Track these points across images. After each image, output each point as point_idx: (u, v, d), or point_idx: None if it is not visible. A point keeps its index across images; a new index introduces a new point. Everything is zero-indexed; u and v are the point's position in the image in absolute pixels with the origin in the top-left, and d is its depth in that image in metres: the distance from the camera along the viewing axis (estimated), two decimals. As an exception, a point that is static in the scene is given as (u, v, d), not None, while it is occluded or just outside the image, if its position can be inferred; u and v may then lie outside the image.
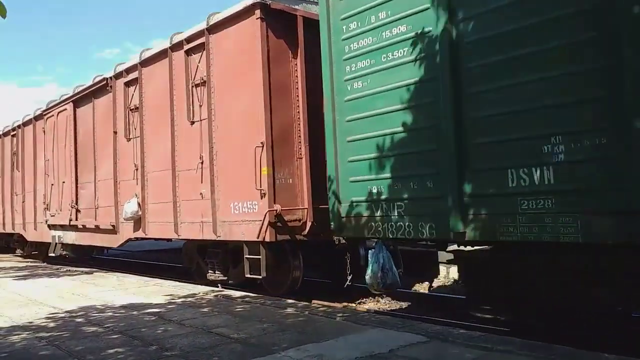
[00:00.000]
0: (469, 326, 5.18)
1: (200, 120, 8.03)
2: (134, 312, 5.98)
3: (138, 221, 9.40)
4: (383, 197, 5.20)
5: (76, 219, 11.68)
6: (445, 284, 8.77)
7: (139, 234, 9.43)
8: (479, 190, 4.47)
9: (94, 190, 11.02)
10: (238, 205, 7.27)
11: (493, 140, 4.38)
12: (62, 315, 6.05)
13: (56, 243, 12.75)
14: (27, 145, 14.69)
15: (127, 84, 9.83)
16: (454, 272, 8.91)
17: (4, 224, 16.51)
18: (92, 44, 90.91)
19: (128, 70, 9.85)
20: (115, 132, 10.17)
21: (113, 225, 10.10)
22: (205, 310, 5.96)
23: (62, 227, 12.40)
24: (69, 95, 12.13)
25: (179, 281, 8.81)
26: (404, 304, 7.66)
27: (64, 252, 12.59)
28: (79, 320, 5.70)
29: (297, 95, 7.21)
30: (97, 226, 10.82)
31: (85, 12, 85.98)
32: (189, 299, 6.80)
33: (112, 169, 10.17)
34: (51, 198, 12.88)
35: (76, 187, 11.75)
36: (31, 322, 5.68)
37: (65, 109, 12.14)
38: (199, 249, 8.74)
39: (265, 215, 6.80)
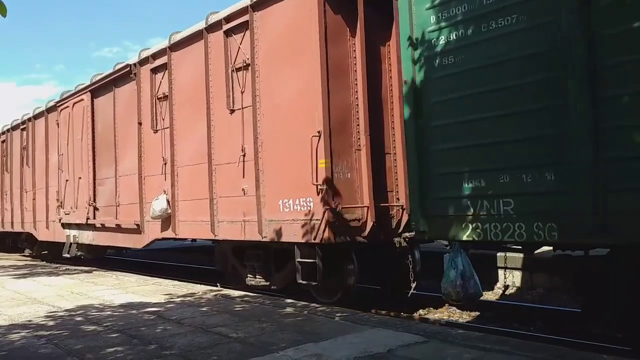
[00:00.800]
0: (468, 326, 5.06)
1: (242, 109, 7.22)
2: (133, 311, 5.95)
3: (167, 220, 8.60)
4: (484, 192, 4.39)
5: (94, 218, 10.88)
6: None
7: (168, 233, 8.63)
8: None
9: (114, 187, 10.22)
10: (289, 203, 6.46)
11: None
12: (62, 313, 6.01)
13: (71, 243, 11.95)
14: (39, 139, 13.90)
15: (154, 71, 9.03)
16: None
17: (12, 223, 15.71)
18: (91, 42, 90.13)
19: (155, 56, 9.04)
20: (140, 124, 9.37)
21: (137, 225, 9.29)
22: (204, 309, 5.93)
23: (78, 226, 11.61)
24: (86, 85, 11.33)
25: (178, 280, 8.76)
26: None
27: (79, 253, 11.78)
28: (78, 318, 5.68)
29: (356, 79, 6.40)
30: (118, 225, 10.02)
31: (84, 10, 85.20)
32: (188, 298, 6.74)
33: (137, 163, 9.37)
34: (65, 195, 12.09)
35: (94, 183, 10.95)
36: (30, 321, 5.64)
37: (82, 100, 11.34)
38: (234, 251, 7.93)
39: (323, 214, 5.99)
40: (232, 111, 7.37)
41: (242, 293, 6.96)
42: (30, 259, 15.54)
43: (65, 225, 12.20)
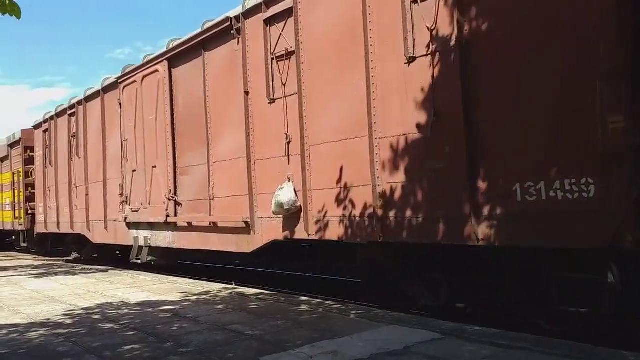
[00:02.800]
0: (485, 323, 4.72)
1: (432, 53, 5.04)
2: (149, 309, 6.00)
3: (293, 216, 6.47)
4: None
5: (175, 215, 8.79)
6: None
7: (296, 233, 6.50)
8: None
9: (206, 176, 8.10)
10: (536, 188, 4.26)
11: None
12: (79, 312, 6.08)
13: (140, 246, 9.88)
14: (92, 124, 11.86)
15: (269, 22, 6.88)
16: None
17: (58, 224, 13.71)
18: (103, 44, 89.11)
19: (270, 2, 6.90)
20: (246, 93, 7.25)
21: (246, 222, 7.16)
22: (219, 307, 5.96)
23: (151, 226, 9.54)
24: (160, 53, 9.23)
25: (193, 278, 8.76)
26: None
27: (151, 258, 9.70)
28: (96, 317, 5.75)
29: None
30: (213, 224, 7.90)
31: (96, 12, 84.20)
32: (203, 296, 6.79)
33: (243, 144, 7.25)
34: (132, 189, 10.02)
35: (174, 172, 8.86)
36: (49, 319, 5.71)
37: (156, 71, 9.26)
38: (399, 258, 5.77)
39: (623, 204, 3.79)
40: (412, 60, 5.20)
41: (257, 291, 6.94)
42: (46, 259, 15.26)
43: (132, 225, 10.14)
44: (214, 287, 7.51)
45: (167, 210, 8.91)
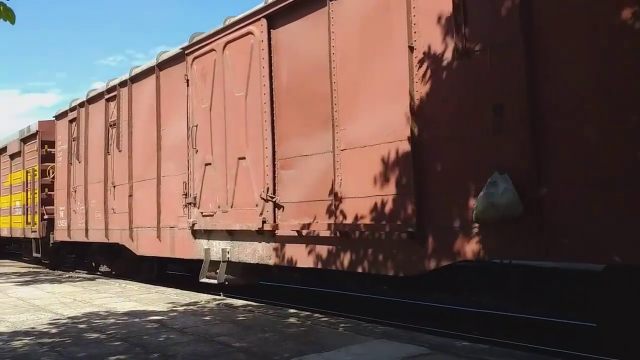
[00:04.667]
0: (473, 338, 4.82)
1: None
2: (136, 319, 5.96)
3: (505, 225, 4.29)
4: None
5: (274, 221, 6.59)
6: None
7: (521, 250, 4.33)
8: None
9: (328, 168, 5.90)
10: None
11: None
12: (65, 321, 6.02)
13: (214, 261, 7.63)
14: (141, 109, 9.68)
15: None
16: None
17: (86, 231, 11.41)
18: (95, 50, 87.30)
19: None
20: (411, 48, 5.11)
21: (411, 232, 4.96)
22: (207, 318, 5.92)
23: (232, 235, 7.32)
24: (256, 9, 7.05)
25: (181, 289, 8.56)
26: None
27: (228, 277, 7.46)
28: (82, 326, 5.68)
29: None
30: (342, 233, 5.70)
31: (88, 19, 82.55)
32: (191, 307, 6.74)
33: (400, 121, 5.10)
34: (204, 187, 7.81)
35: (273, 165, 6.69)
36: (33, 328, 5.65)
37: (248, 34, 7.09)
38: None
39: None
40: None
41: (245, 302, 6.90)
42: (32, 266, 14.94)
43: (202, 234, 7.91)
44: (202, 297, 7.47)
45: (261, 214, 6.71)
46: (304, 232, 6.21)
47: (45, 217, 13.94)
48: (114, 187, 10.39)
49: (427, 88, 5.02)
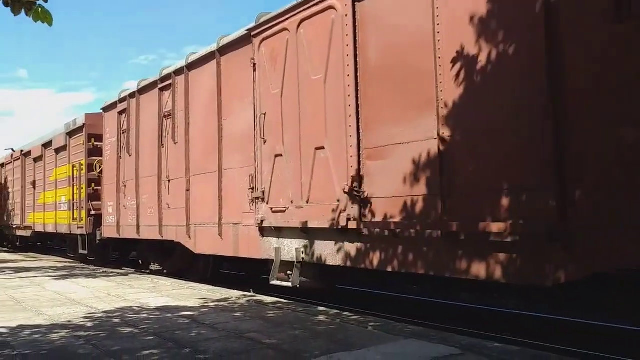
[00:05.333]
0: (505, 339, 4.75)
1: None
2: (169, 315, 6.00)
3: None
4: None
5: (360, 218, 5.84)
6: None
7: None
8: None
9: (432, 158, 5.13)
10: None
11: None
12: (99, 315, 6.10)
13: (286, 261, 6.93)
14: (199, 98, 9.06)
15: None
16: None
17: (138, 227, 10.88)
18: (127, 50, 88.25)
19: None
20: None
21: (552, 233, 4.14)
22: (237, 314, 5.95)
23: (308, 233, 6.60)
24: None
25: (213, 285, 8.59)
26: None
27: (302, 280, 6.75)
28: (115, 320, 5.77)
29: None
30: (451, 234, 4.91)
31: (121, 20, 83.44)
32: (222, 303, 6.74)
33: (531, 97, 4.29)
34: (274, 180, 7.13)
35: (358, 155, 5.94)
36: (70, 321, 5.74)
37: (328, 9, 6.34)
38: None
39: None
40: None
41: (275, 299, 6.86)
42: (68, 261, 15.30)
43: (271, 232, 7.22)
44: (233, 294, 7.53)
45: (345, 210, 5.97)
46: (399, 231, 5.44)
47: (92, 213, 13.52)
48: (169, 181, 9.82)
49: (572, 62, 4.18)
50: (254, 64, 7.54)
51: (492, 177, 4.65)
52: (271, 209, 7.14)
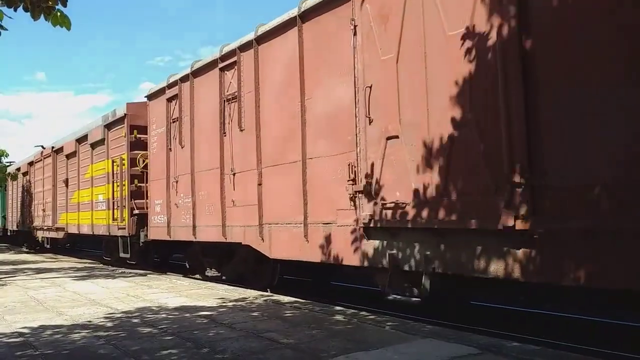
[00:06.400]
0: (523, 339, 4.71)
1: None
2: (187, 314, 6.02)
3: None
4: None
5: (533, 212, 4.32)
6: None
7: None
8: None
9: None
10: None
11: None
12: (119, 315, 6.13)
13: (405, 271, 5.47)
14: (272, 75, 7.72)
15: None
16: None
17: (193, 228, 9.52)
18: (143, 51, 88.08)
19: None
20: None
21: None
22: (255, 314, 5.95)
23: (443, 236, 5.10)
24: None
25: (230, 285, 8.71)
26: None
27: (426, 291, 5.30)
28: (135, 320, 5.79)
29: None
30: None
31: (138, 21, 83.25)
32: (240, 303, 6.75)
33: None
34: (384, 169, 5.68)
35: (527, 130, 4.42)
36: (90, 321, 5.78)
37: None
38: None
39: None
40: None
41: (292, 299, 6.88)
42: (88, 262, 15.39)
43: (383, 233, 5.72)
44: (250, 293, 7.54)
45: (509, 205, 4.47)
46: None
47: (135, 212, 12.23)
48: (234, 174, 8.44)
49: None
50: (354, 27, 6.10)
51: None
52: (383, 204, 5.68)
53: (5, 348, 4.68)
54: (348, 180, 6.11)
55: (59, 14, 4.24)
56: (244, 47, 8.30)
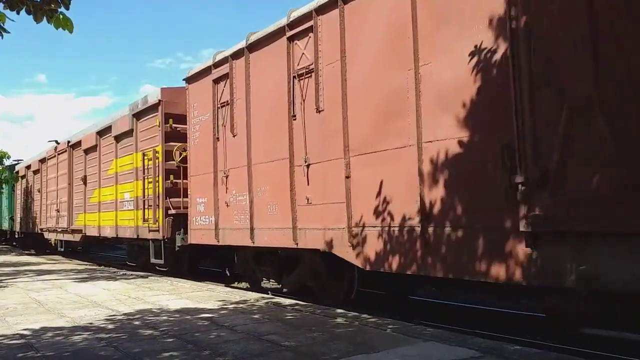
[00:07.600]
0: (525, 342, 4.77)
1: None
2: (188, 317, 6.03)
3: None
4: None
5: None
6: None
7: None
8: None
9: None
10: None
11: None
12: (120, 317, 6.14)
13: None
14: (366, 39, 6.15)
15: None
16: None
17: (251, 230, 7.88)
18: (144, 54, 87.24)
19: None
20: None
21: None
22: (256, 316, 5.97)
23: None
24: None
25: (231, 287, 8.91)
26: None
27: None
28: (136, 323, 5.79)
29: None
30: None
31: (138, 23, 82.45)
32: (241, 305, 6.75)
33: None
34: (568, 149, 4.06)
35: None
36: (91, 323, 5.78)
37: None
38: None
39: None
40: None
41: (293, 302, 6.85)
42: (88, 264, 15.52)
43: (562, 239, 4.13)
44: (251, 296, 7.51)
45: None
46: None
47: (171, 212, 10.65)
48: (307, 166, 6.86)
49: None
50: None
51: None
52: (564, 200, 4.07)
53: (7, 350, 4.68)
54: (510, 167, 4.49)
55: (61, 16, 4.24)
56: (322, 9, 6.73)
